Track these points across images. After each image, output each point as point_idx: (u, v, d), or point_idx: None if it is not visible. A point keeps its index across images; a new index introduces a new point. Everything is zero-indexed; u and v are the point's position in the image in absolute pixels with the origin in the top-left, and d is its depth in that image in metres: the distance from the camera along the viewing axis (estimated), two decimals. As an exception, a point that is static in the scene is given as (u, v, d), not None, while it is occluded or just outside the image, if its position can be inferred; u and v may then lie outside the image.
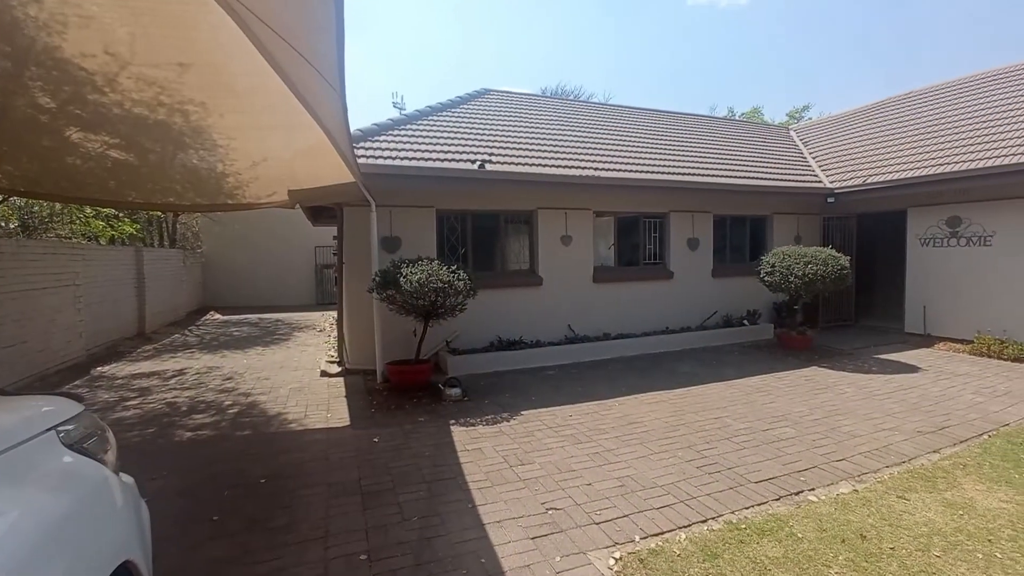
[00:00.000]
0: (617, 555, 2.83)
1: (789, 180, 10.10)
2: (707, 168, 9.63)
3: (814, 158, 11.96)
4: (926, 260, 9.02)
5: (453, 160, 7.25)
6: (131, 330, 10.69)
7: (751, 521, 3.17)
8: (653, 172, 8.64)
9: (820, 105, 44.49)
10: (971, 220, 8.37)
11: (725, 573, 2.67)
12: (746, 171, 10.05)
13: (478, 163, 7.22)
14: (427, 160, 7.05)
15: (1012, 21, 45.76)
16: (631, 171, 8.43)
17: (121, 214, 12.47)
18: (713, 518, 3.22)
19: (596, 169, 8.11)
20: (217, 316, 15.08)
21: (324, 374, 7.22)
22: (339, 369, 7.26)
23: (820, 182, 10.38)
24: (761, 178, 9.83)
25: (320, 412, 5.54)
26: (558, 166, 7.91)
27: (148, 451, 4.53)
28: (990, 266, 8.13)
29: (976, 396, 5.68)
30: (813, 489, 3.60)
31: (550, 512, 3.28)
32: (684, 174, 8.94)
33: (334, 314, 9.86)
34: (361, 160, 6.41)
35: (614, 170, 8.28)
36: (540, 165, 7.78)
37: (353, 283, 7.13)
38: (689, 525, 3.13)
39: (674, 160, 9.62)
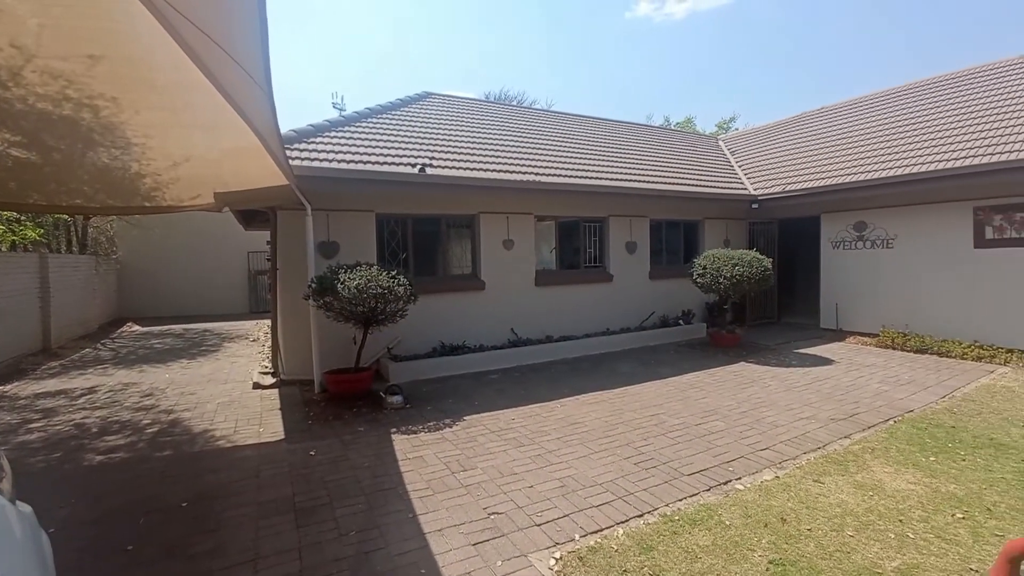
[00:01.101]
0: (558, 555, 2.87)
1: (718, 187, 10.70)
2: (644, 175, 10.02)
3: (740, 167, 12.74)
4: (837, 261, 9.82)
5: (393, 164, 7.13)
6: (34, 345, 9.70)
7: (684, 512, 3.31)
8: (593, 178, 8.89)
9: (746, 116, 47.50)
10: (876, 225, 9.20)
11: (659, 564, 2.77)
12: (680, 178, 10.55)
13: (419, 167, 7.14)
14: (366, 163, 6.89)
15: (918, 42, 50.87)
16: (572, 177, 8.62)
17: (23, 217, 11.32)
18: (649, 512, 3.33)
19: (537, 174, 8.23)
20: (135, 328, 13.98)
21: (257, 386, 6.86)
22: (273, 380, 6.92)
23: (746, 189, 11.06)
24: (694, 185, 10.35)
25: (252, 427, 5.25)
26: (500, 171, 7.97)
27: (54, 478, 4.12)
28: (892, 266, 8.97)
29: (882, 385, 6.23)
30: (740, 478, 3.81)
31: (492, 517, 3.28)
32: (623, 180, 9.26)
33: (268, 322, 9.40)
34: (295, 162, 6.18)
35: (555, 175, 8.44)
36: (482, 169, 7.80)
37: (288, 290, 6.84)
38: (627, 520, 3.23)
39: (613, 166, 9.94)
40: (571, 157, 9.74)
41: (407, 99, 10.67)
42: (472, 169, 7.71)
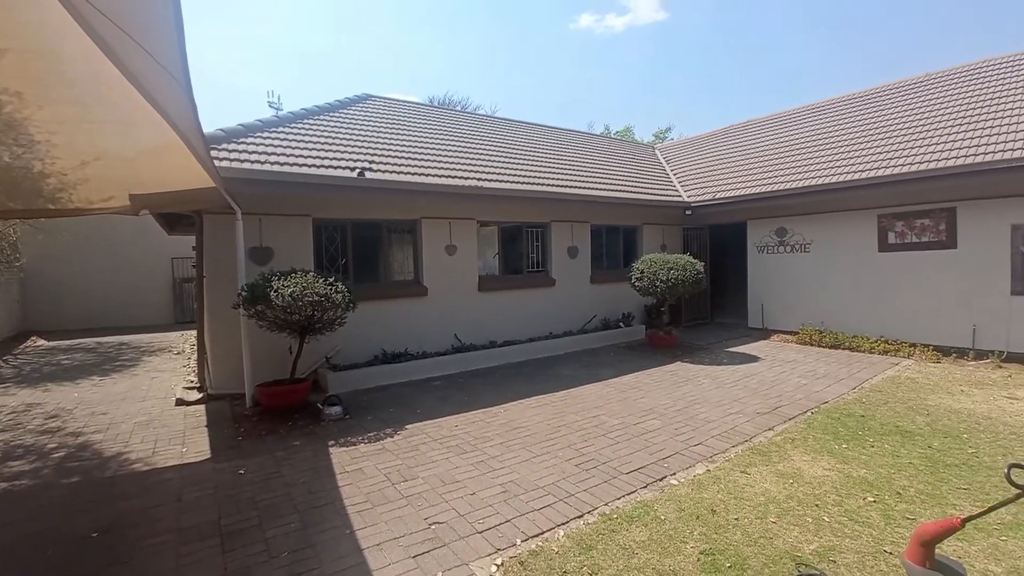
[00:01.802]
0: (499, 561, 2.86)
1: (655, 195, 11.15)
2: (586, 181, 10.27)
3: (675, 175, 13.34)
4: (762, 265, 10.48)
5: (331, 167, 6.90)
6: (-87, 365, 8.58)
7: (622, 510, 3.40)
8: (536, 184, 9.01)
9: (681, 127, 49.86)
10: (795, 231, 9.90)
11: (598, 563, 2.83)
12: (620, 185, 10.90)
13: (358, 171, 6.96)
14: (302, 166, 6.63)
15: (838, 61, 55.33)
16: (515, 183, 8.70)
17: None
18: (589, 512, 3.40)
19: (480, 180, 8.24)
20: (41, 342, 12.69)
21: (181, 402, 6.40)
22: (199, 396, 6.49)
23: (680, 196, 11.59)
24: (632, 192, 10.73)
25: (174, 447, 4.89)
26: (442, 176, 7.91)
27: (-67, 514, 3.65)
28: (809, 269, 9.68)
29: (801, 379, 6.69)
30: (674, 473, 3.96)
31: (433, 527, 3.23)
32: (565, 187, 9.44)
33: (195, 333, 8.81)
34: (224, 164, 5.86)
35: (498, 181, 8.48)
36: (423, 174, 7.71)
37: (216, 298, 6.46)
38: (567, 522, 3.27)
39: (556, 173, 10.12)
40: (514, 163, 9.83)
41: (346, 101, 10.39)
42: (414, 174, 7.61)
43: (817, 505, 3.43)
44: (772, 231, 10.25)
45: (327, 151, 7.39)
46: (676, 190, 12.08)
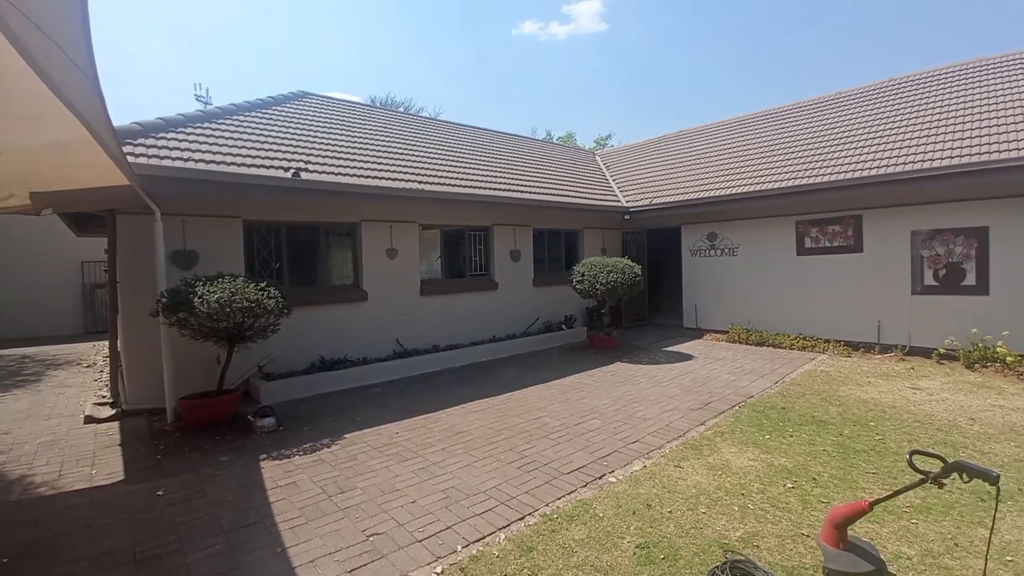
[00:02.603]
0: (439, 569, 2.82)
1: (596, 199, 11.44)
2: (528, 185, 10.39)
3: (614, 180, 13.77)
4: (695, 268, 11.01)
5: (263, 166, 6.58)
6: None
7: (562, 510, 3.45)
8: (479, 187, 9.00)
9: (620, 134, 51.50)
10: (724, 235, 10.48)
11: (538, 564, 2.85)
12: (561, 190, 11.11)
13: (292, 171, 6.67)
14: (230, 165, 6.26)
15: (768, 73, 59.05)
16: (457, 186, 8.65)
17: None
18: (530, 514, 3.42)
19: (421, 183, 8.13)
20: (-78, 357, 11.22)
21: (91, 420, 5.86)
22: (112, 412, 5.97)
23: (619, 202, 11.97)
24: (574, 196, 10.95)
25: (83, 469, 4.47)
26: (383, 178, 7.73)
27: None
28: (737, 272, 10.27)
29: (730, 375, 7.08)
30: (613, 471, 4.07)
31: (371, 539, 3.14)
32: (508, 190, 9.50)
33: (107, 344, 8.11)
34: (140, 160, 5.45)
35: (441, 184, 8.40)
36: (363, 176, 7.51)
37: (132, 306, 5.97)
38: (508, 525, 3.28)
39: (498, 177, 10.17)
40: (457, 166, 9.78)
41: (280, 97, 9.95)
42: (353, 175, 7.39)
43: (743, 494, 3.63)
44: (704, 235, 10.79)
45: (259, 149, 7.04)
46: (615, 195, 12.47)
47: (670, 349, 9.18)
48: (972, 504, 3.36)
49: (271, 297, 5.37)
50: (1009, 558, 2.79)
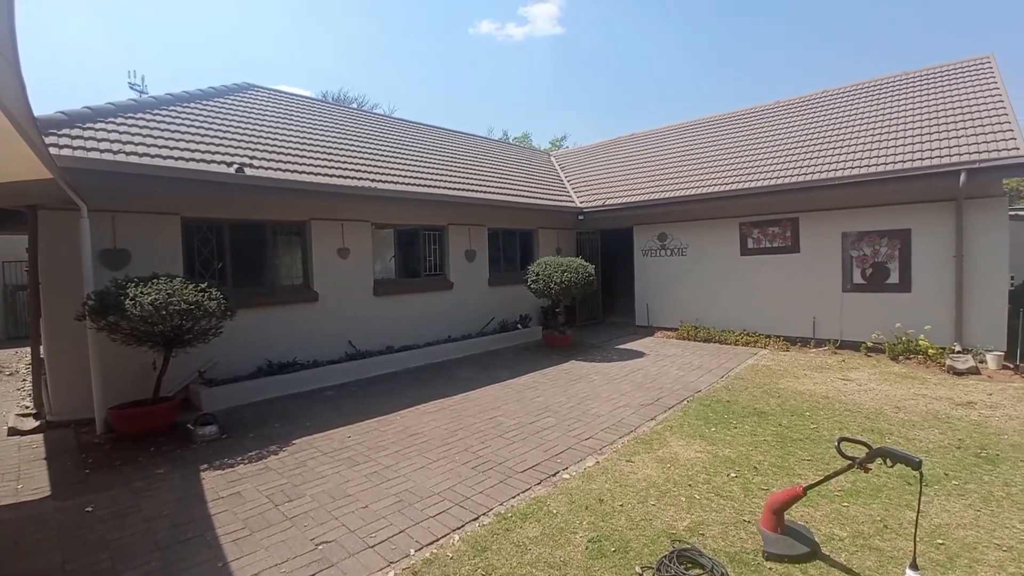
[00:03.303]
0: (392, 574, 2.78)
1: (550, 200, 11.57)
2: (483, 185, 10.37)
3: (569, 181, 13.97)
4: (647, 267, 11.33)
5: (204, 161, 6.25)
6: None
7: (516, 509, 3.47)
8: (434, 187, 8.91)
9: (575, 136, 52.32)
10: (673, 236, 10.83)
11: (492, 563, 2.85)
12: (517, 190, 11.16)
13: (236, 167, 6.38)
14: (167, 158, 5.91)
15: (720, 79, 61.32)
16: (411, 185, 8.53)
17: None
18: (484, 514, 3.42)
19: (374, 181, 7.96)
20: None
21: (14, 432, 5.40)
22: (37, 423, 5.52)
23: (573, 202, 12.15)
24: (529, 197, 11.03)
25: (8, 483, 4.12)
26: (334, 175, 7.52)
27: None
28: (686, 271, 10.64)
29: (679, 371, 7.32)
30: (567, 468, 4.13)
31: (321, 547, 3.04)
32: (463, 190, 9.45)
33: (30, 350, 7.47)
34: (64, 152, 5.08)
35: (394, 183, 8.26)
36: (312, 173, 7.27)
37: (56, 309, 5.54)
38: (463, 526, 3.26)
39: (453, 176, 10.10)
40: (411, 165, 9.64)
41: (223, 89, 9.49)
42: (301, 172, 7.14)
43: (690, 485, 3.77)
44: (655, 236, 11.12)
45: (199, 143, 6.69)
46: (570, 196, 12.65)
47: (623, 347, 9.40)
48: (899, 488, 3.62)
49: (212, 299, 5.11)
50: (940, 541, 2.98)
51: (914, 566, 2.61)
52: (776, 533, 2.95)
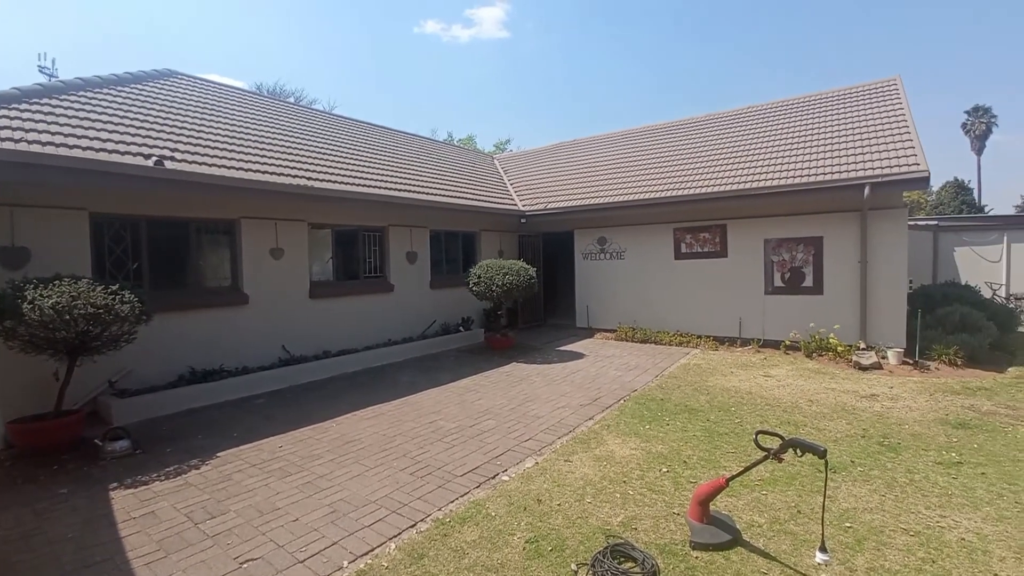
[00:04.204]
0: (323, 588, 2.68)
1: (493, 203, 11.61)
2: (426, 186, 10.25)
3: (512, 185, 14.08)
4: (587, 270, 11.62)
5: (117, 152, 5.77)
6: None
7: (455, 513, 3.44)
8: (374, 186, 8.69)
9: (519, 139, 52.91)
10: (612, 240, 11.17)
11: (429, 570, 2.81)
12: (460, 192, 11.11)
13: (154, 159, 5.94)
14: (73, 148, 5.39)
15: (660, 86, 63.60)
16: (352, 184, 8.27)
17: None
18: (422, 520, 3.37)
19: (311, 179, 7.66)
20: None
21: None
22: (-91, 443, 4.87)
23: (516, 205, 12.26)
24: (472, 199, 11.01)
25: None
26: (267, 172, 7.16)
27: None
28: (625, 274, 11.01)
29: (617, 371, 7.56)
30: (506, 470, 4.15)
31: (245, 565, 2.88)
32: (405, 190, 9.29)
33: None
34: (-54, 138, 4.51)
35: (332, 181, 7.98)
36: (244, 169, 6.89)
37: (-65, 314, 4.91)
38: (399, 533, 3.20)
39: (395, 176, 9.90)
40: (351, 163, 9.36)
41: (143, 75, 8.82)
42: (231, 168, 6.75)
43: (624, 481, 3.89)
44: (595, 240, 11.42)
45: (113, 132, 6.17)
46: (513, 199, 12.75)
47: (563, 348, 9.58)
48: (812, 475, 3.90)
49: (125, 302, 4.72)
50: (848, 524, 3.24)
51: (823, 549, 2.83)
52: (702, 523, 3.10)
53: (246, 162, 7.16)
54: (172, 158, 6.21)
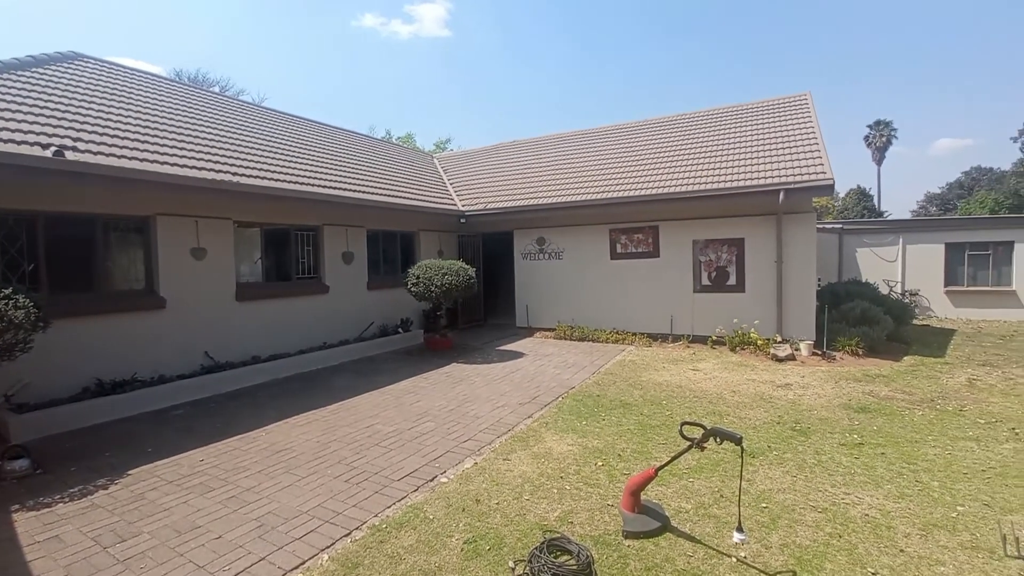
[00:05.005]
0: (249, 606, 2.55)
1: (432, 202, 11.48)
2: (363, 184, 9.96)
3: (451, 184, 13.99)
4: (526, 270, 11.76)
5: (13, 142, 5.18)
6: None
7: (392, 518, 3.38)
8: (307, 184, 8.33)
9: (459, 139, 52.64)
10: (551, 240, 11.38)
11: (364, 579, 2.75)
12: (398, 191, 10.89)
13: (53, 149, 5.38)
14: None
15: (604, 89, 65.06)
16: (282, 180, 7.89)
17: None
18: (358, 527, 3.29)
19: (236, 174, 7.23)
20: None
21: None
22: None
23: (455, 205, 12.20)
24: (410, 198, 10.83)
25: None
26: (186, 166, 6.68)
27: None
28: (563, 273, 11.24)
29: (556, 370, 7.71)
30: (445, 472, 4.13)
31: (161, 587, 2.69)
32: (340, 188, 8.98)
33: None
34: None
35: (260, 177, 7.57)
36: (158, 162, 6.38)
37: None
38: (332, 544, 3.10)
39: (330, 173, 9.56)
40: (282, 159, 8.93)
41: (43, 58, 7.98)
42: (143, 160, 6.24)
43: (562, 477, 3.98)
44: (534, 240, 11.59)
45: (9, 120, 5.55)
46: (452, 199, 12.67)
47: (503, 348, 9.65)
48: (733, 461, 4.15)
49: (19, 307, 4.27)
50: (764, 505, 3.49)
51: (740, 529, 3.03)
52: (634, 513, 3.24)
53: (161, 154, 6.65)
54: (75, 148, 5.66)
